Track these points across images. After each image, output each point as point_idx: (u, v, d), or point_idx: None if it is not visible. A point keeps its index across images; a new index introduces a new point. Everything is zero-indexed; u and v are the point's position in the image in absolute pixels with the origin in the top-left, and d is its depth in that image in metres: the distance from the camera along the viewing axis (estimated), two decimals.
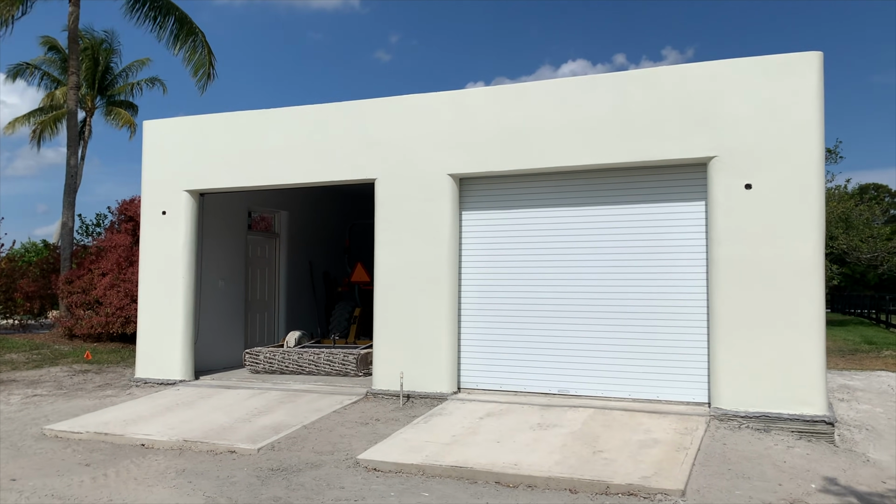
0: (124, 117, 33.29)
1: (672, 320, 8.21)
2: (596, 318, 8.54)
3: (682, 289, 8.19)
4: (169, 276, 10.37)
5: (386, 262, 9.19)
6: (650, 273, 8.33)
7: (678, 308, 8.19)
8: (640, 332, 8.34)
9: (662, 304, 8.26)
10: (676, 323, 8.20)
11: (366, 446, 7.18)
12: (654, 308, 8.30)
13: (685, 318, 8.16)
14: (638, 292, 8.38)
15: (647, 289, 8.34)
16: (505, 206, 8.98)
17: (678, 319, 8.19)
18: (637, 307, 8.37)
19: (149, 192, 10.62)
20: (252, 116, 10.07)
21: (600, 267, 8.56)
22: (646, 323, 8.33)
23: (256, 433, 7.65)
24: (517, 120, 8.59)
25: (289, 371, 10.74)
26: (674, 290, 8.23)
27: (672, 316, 8.22)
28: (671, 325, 8.22)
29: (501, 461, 6.47)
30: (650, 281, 8.33)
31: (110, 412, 8.84)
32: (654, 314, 8.30)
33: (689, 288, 8.17)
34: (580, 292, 8.63)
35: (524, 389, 8.81)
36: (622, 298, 8.44)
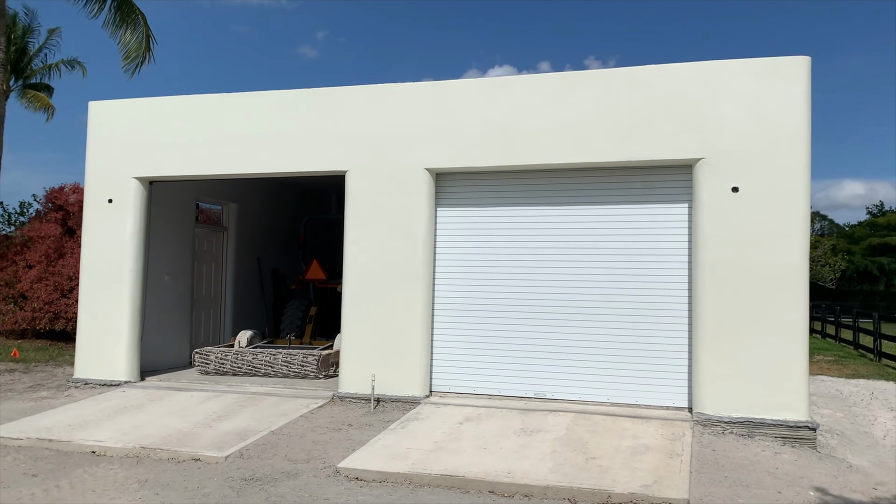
0: (42, 100, 31.40)
1: (653, 324, 8.08)
2: (574, 321, 8.33)
3: (664, 292, 8.07)
4: (114, 268, 9.63)
5: (356, 259, 8.75)
6: (631, 275, 8.18)
7: (659, 311, 8.06)
8: (620, 335, 8.17)
9: (643, 307, 8.12)
10: (657, 327, 8.07)
11: (343, 454, 6.75)
12: (634, 311, 8.14)
13: (666, 322, 8.04)
14: (618, 295, 8.21)
15: (628, 291, 8.18)
16: (483, 204, 8.68)
17: (659, 323, 8.06)
18: (617, 310, 8.20)
19: (94, 178, 9.84)
20: (210, 100, 9.46)
21: (580, 268, 8.36)
22: (626, 326, 8.16)
23: (221, 439, 7.10)
24: (501, 114, 8.31)
25: (242, 373, 10.14)
26: (655, 293, 8.09)
27: (653, 319, 8.08)
28: (652, 328, 8.08)
29: (493, 469, 6.15)
30: (631, 283, 8.18)
31: (51, 416, 8.09)
32: (634, 317, 8.14)
33: (670, 291, 8.05)
34: (558, 294, 8.40)
35: (500, 393, 8.53)
36: (602, 301, 8.26)
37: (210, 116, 9.40)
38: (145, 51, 17.86)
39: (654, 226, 8.12)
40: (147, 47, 17.89)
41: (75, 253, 15.12)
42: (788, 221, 7.40)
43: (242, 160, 9.25)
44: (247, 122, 9.23)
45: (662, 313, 8.06)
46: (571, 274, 8.37)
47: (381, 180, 8.69)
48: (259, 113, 9.21)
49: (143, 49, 17.78)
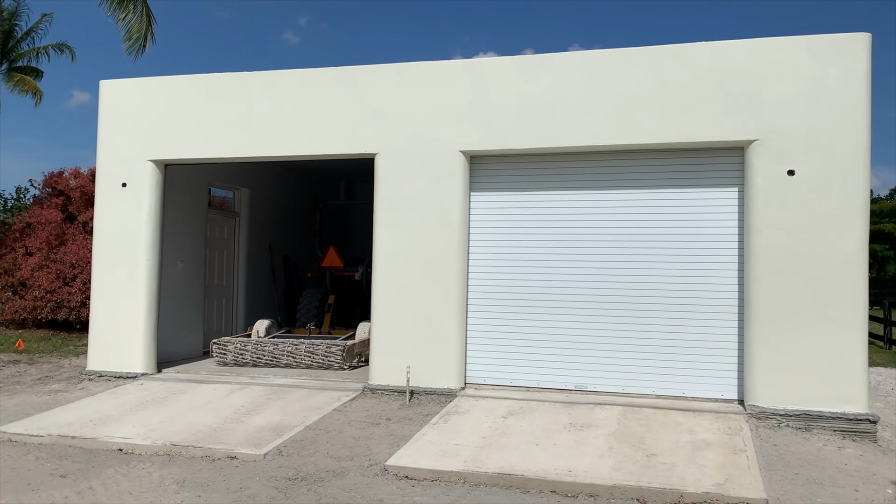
0: (29, 83, 30.61)
1: (700, 313, 7.76)
2: (617, 310, 8.00)
3: (712, 280, 7.74)
4: (130, 256, 9.20)
5: (386, 245, 8.36)
6: (676, 262, 7.85)
7: (707, 300, 7.74)
8: (666, 325, 7.85)
9: (690, 295, 7.79)
10: (705, 316, 7.75)
11: (388, 450, 6.40)
12: (681, 300, 7.82)
13: (715, 311, 7.72)
14: (663, 283, 7.88)
15: (673, 279, 7.85)
16: (520, 188, 8.31)
17: (707, 312, 7.74)
18: (663, 299, 7.87)
19: (106, 161, 9.38)
20: (232, 79, 9.01)
21: (622, 255, 8.02)
22: (672, 315, 7.84)
23: (255, 436, 6.73)
24: (541, 94, 7.93)
25: (262, 364, 9.76)
26: (702, 281, 7.77)
27: (700, 309, 7.76)
28: (699, 318, 7.76)
29: (552, 467, 5.82)
30: (676, 271, 7.85)
31: (70, 411, 7.68)
32: (680, 306, 7.82)
33: (719, 279, 7.72)
34: (600, 282, 8.06)
35: (538, 385, 8.19)
36: (646, 289, 7.93)
37: (231, 96, 8.96)
38: (147, 29, 17.31)
39: (701, 211, 7.79)
40: (148, 25, 17.35)
41: (77, 239, 14.65)
42: (847, 206, 7.09)
43: (266, 142, 8.82)
44: (271, 102, 8.80)
45: (710, 302, 7.74)
46: (613, 261, 8.03)
47: (412, 163, 8.30)
48: (283, 92, 8.78)
49: (144, 29, 17.23)
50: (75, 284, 13.92)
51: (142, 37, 17.27)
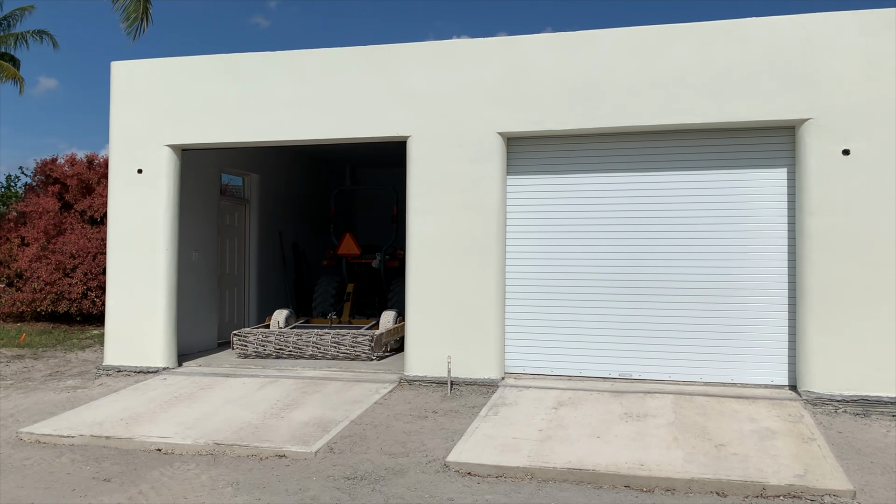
0: (9, 70, 29.69)
1: (749, 297, 7.56)
2: (662, 295, 7.78)
3: (760, 263, 7.54)
4: (148, 245, 8.81)
5: (421, 231, 8.06)
6: (724, 246, 7.64)
7: (755, 284, 7.55)
8: (713, 310, 7.65)
9: (738, 279, 7.59)
10: (753, 300, 7.55)
11: (444, 445, 6.13)
12: (728, 284, 7.62)
13: (763, 295, 7.53)
14: (710, 267, 7.67)
15: (721, 263, 7.64)
16: (560, 171, 8.03)
17: (756, 296, 7.55)
18: (709, 283, 7.66)
19: (120, 146, 8.95)
20: (253, 60, 8.62)
21: (666, 238, 7.79)
22: (719, 300, 7.64)
23: (301, 432, 6.43)
24: (583, 72, 7.64)
25: (286, 355, 9.43)
26: (750, 264, 7.57)
27: (749, 293, 7.56)
28: (747, 302, 7.57)
29: (621, 461, 5.59)
30: (724, 254, 7.64)
31: (97, 409, 7.32)
32: (728, 290, 7.62)
33: (768, 262, 7.53)
34: (644, 266, 7.83)
35: (581, 374, 7.96)
36: (692, 273, 7.72)
37: (252, 77, 8.57)
38: (144, 9, 16.75)
39: (748, 193, 7.57)
40: (146, 4, 16.78)
41: (76, 229, 14.16)
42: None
43: (290, 125, 8.46)
44: (295, 83, 8.43)
45: (759, 286, 7.54)
46: (657, 245, 7.80)
47: (448, 146, 7.98)
48: (309, 73, 8.41)
49: (141, 8, 16.67)
50: (76, 275, 13.45)
51: (139, 16, 16.71)
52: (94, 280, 13.45)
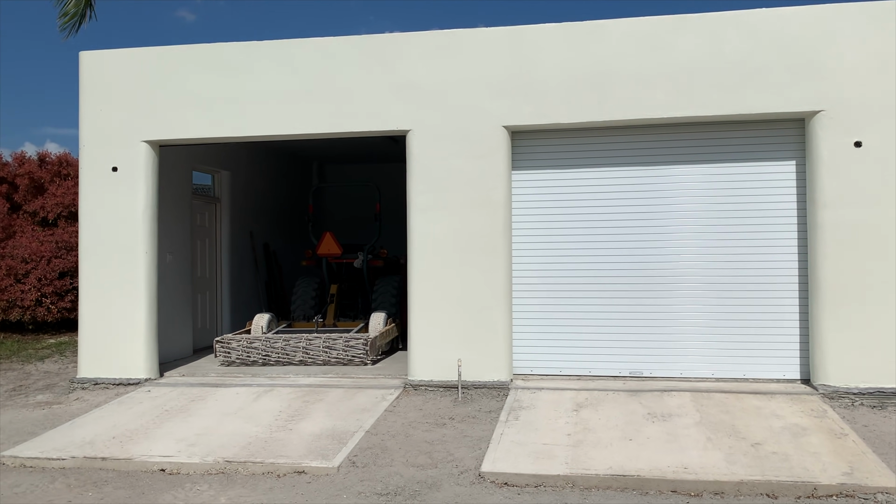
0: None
1: (758, 291, 7.49)
2: (670, 291, 7.65)
3: (770, 257, 7.48)
4: (125, 249, 8.22)
5: (423, 230, 7.72)
6: (732, 240, 7.55)
7: (765, 278, 7.48)
8: (722, 304, 7.55)
9: (747, 274, 7.51)
10: (763, 294, 7.48)
11: (472, 454, 5.84)
12: (738, 278, 7.53)
13: (774, 289, 7.47)
14: (718, 261, 7.57)
15: (729, 257, 7.55)
16: (565, 165, 7.81)
17: (766, 290, 7.48)
18: (718, 278, 7.57)
19: (92, 142, 8.33)
20: (238, 50, 8.12)
21: (674, 233, 7.66)
22: (728, 295, 7.55)
23: (315, 445, 6.04)
24: (591, 63, 7.43)
25: (273, 362, 8.96)
26: (760, 258, 7.49)
27: (758, 287, 7.49)
28: (758, 296, 7.49)
29: (664, 464, 5.40)
30: (732, 248, 7.55)
31: (83, 427, 6.76)
32: (738, 285, 7.53)
33: (777, 256, 7.47)
34: (651, 262, 7.69)
35: (590, 373, 7.77)
36: (700, 268, 7.60)
37: (238, 68, 8.08)
38: (85, 5, 15.77)
39: (757, 185, 7.50)
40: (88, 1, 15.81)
41: (27, 232, 13.29)
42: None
43: (280, 120, 8.01)
44: (285, 75, 7.98)
45: (769, 279, 7.47)
46: (665, 240, 7.66)
47: (450, 140, 7.67)
48: (300, 64, 7.97)
49: (83, 3, 15.69)
50: (28, 281, 12.59)
51: (79, 12, 15.73)
52: (49, 286, 12.63)
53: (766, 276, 7.48)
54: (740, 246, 7.52)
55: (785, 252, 7.44)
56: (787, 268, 7.44)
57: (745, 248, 7.52)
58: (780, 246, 7.45)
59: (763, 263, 7.48)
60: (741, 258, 7.52)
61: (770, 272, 7.47)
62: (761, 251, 7.49)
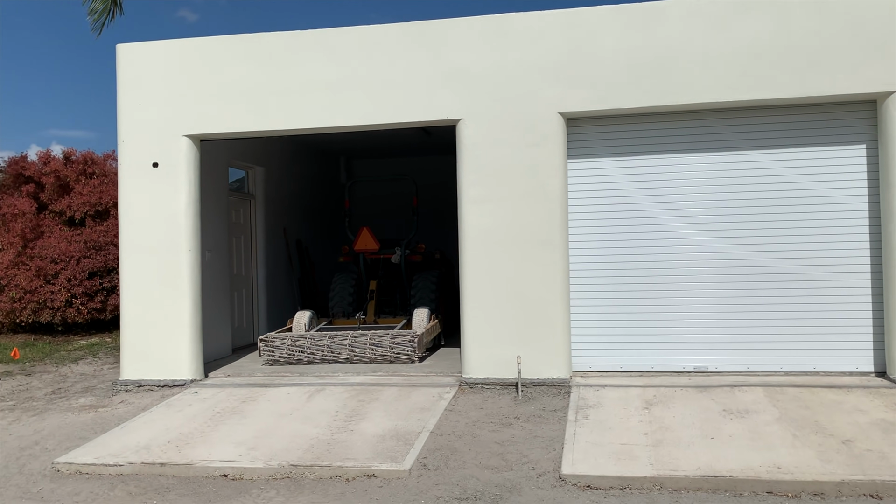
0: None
1: (829, 282, 7.20)
2: (736, 283, 7.37)
3: (840, 245, 7.19)
4: (169, 247, 8.00)
5: (476, 223, 7.47)
6: (800, 228, 7.26)
7: (837, 267, 7.19)
8: (791, 296, 7.27)
9: (817, 262, 7.22)
10: (835, 284, 7.19)
11: (547, 455, 5.58)
12: (807, 268, 7.24)
13: (845, 279, 7.18)
14: (785, 250, 7.29)
15: (797, 246, 7.27)
16: (624, 153, 7.53)
17: (837, 280, 7.19)
18: (786, 268, 7.28)
19: (131, 138, 8.10)
20: (280, 40, 7.87)
21: (739, 223, 7.37)
22: (797, 285, 7.26)
23: (381, 447, 5.79)
24: (650, 46, 7.14)
25: (318, 360, 8.72)
26: (829, 246, 7.20)
27: (829, 276, 7.20)
28: (828, 287, 7.20)
29: (755, 464, 5.13)
30: (800, 237, 7.26)
31: (134, 431, 6.53)
32: (807, 275, 7.24)
33: (848, 243, 7.17)
34: (714, 253, 7.41)
35: (652, 369, 7.50)
36: (767, 258, 7.32)
37: (281, 59, 7.83)
38: (111, 3, 15.55)
39: (827, 171, 7.20)
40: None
41: (55, 232, 13.10)
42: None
43: (325, 111, 7.76)
44: (329, 64, 7.72)
45: (840, 269, 7.18)
46: (730, 229, 7.37)
47: (503, 129, 7.40)
48: (344, 54, 7.71)
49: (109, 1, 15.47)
50: (58, 282, 12.41)
51: (107, 9, 15.51)
52: (79, 286, 12.44)
53: (836, 266, 7.19)
54: (808, 234, 7.23)
55: (856, 240, 7.15)
56: (858, 256, 7.15)
57: (812, 237, 7.23)
58: (851, 233, 7.16)
59: (832, 252, 7.19)
60: (809, 247, 7.23)
61: (840, 261, 7.18)
62: (830, 239, 7.19)
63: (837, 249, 7.18)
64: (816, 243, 7.21)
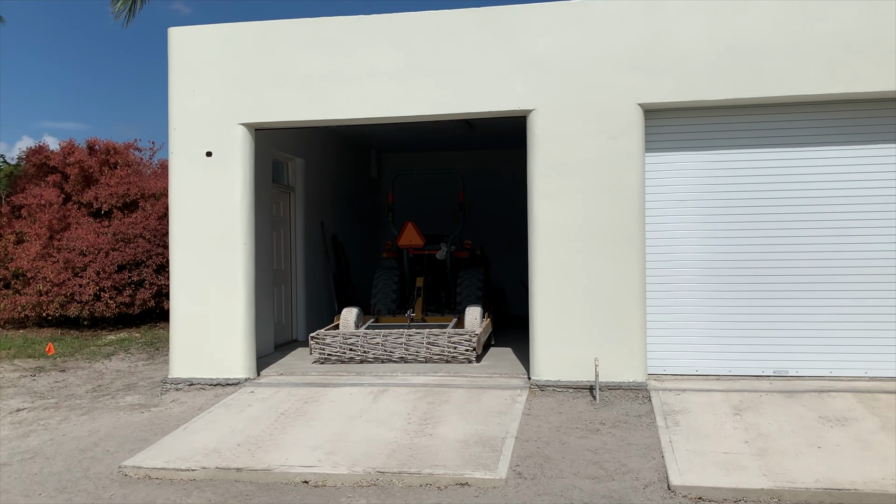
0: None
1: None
2: (816, 283, 7.07)
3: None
4: (223, 239, 7.67)
5: (548, 218, 7.15)
6: (889, 228, 6.94)
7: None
8: (879, 297, 6.96)
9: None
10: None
11: (647, 464, 5.28)
12: (891, 269, 6.93)
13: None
14: (872, 250, 6.98)
15: (884, 247, 6.96)
16: (704, 147, 7.22)
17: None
18: (873, 268, 6.98)
19: (183, 125, 7.77)
20: (342, 25, 7.54)
21: (821, 221, 7.06)
22: (883, 287, 6.96)
23: (467, 453, 5.48)
24: (737, 35, 6.83)
25: (371, 359, 8.40)
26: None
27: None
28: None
29: (877, 476, 4.85)
30: (888, 237, 6.94)
31: (198, 432, 6.21)
32: (890, 276, 6.93)
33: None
34: (798, 253, 7.10)
35: (729, 373, 7.19)
36: (851, 257, 7.02)
37: (343, 45, 7.50)
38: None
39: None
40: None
41: (82, 223, 12.76)
42: None
43: (388, 100, 7.43)
44: (395, 51, 7.39)
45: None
46: (812, 228, 7.07)
47: (579, 120, 7.09)
48: (410, 39, 7.39)
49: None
50: (86, 275, 12.07)
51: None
52: (108, 279, 12.11)
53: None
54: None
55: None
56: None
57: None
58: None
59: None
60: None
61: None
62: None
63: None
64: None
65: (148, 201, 13.15)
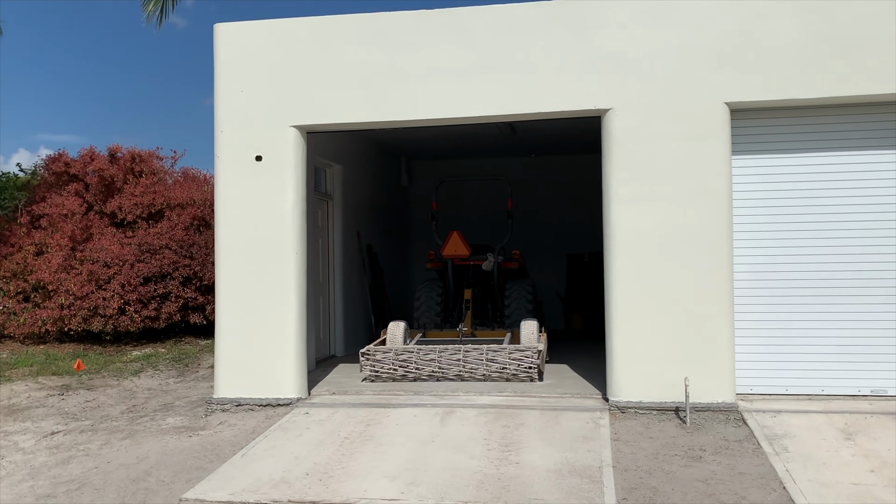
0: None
1: None
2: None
3: None
4: (273, 248, 7.16)
5: (627, 225, 6.65)
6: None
7: None
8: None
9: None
10: None
11: (770, 496, 4.75)
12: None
13: None
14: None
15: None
16: (797, 149, 6.73)
17: None
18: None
19: (231, 127, 7.28)
20: (402, 21, 7.07)
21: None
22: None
23: (563, 484, 4.96)
24: (835, 28, 6.36)
25: (425, 376, 7.88)
26: None
27: None
28: None
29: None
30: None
31: (259, 460, 5.68)
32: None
33: None
34: (893, 263, 6.59)
35: (822, 392, 6.67)
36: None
37: (404, 41, 7.02)
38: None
39: None
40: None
41: (105, 234, 12.25)
42: None
43: (450, 100, 6.95)
44: (460, 48, 6.92)
45: None
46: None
47: (660, 120, 6.60)
48: (476, 35, 6.91)
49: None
50: (110, 287, 11.54)
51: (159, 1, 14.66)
52: (133, 292, 11.57)
53: None
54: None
55: None
56: None
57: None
58: None
59: None
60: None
61: None
62: None
63: None
64: None
65: (174, 211, 12.64)
